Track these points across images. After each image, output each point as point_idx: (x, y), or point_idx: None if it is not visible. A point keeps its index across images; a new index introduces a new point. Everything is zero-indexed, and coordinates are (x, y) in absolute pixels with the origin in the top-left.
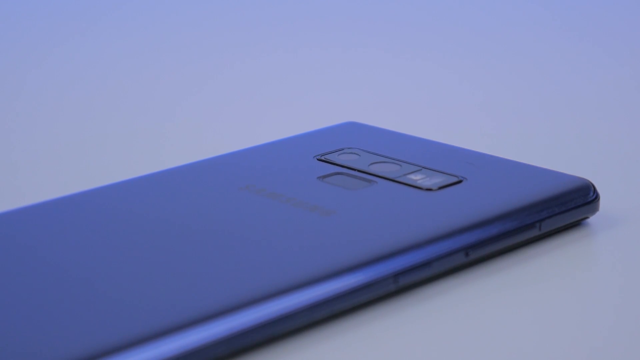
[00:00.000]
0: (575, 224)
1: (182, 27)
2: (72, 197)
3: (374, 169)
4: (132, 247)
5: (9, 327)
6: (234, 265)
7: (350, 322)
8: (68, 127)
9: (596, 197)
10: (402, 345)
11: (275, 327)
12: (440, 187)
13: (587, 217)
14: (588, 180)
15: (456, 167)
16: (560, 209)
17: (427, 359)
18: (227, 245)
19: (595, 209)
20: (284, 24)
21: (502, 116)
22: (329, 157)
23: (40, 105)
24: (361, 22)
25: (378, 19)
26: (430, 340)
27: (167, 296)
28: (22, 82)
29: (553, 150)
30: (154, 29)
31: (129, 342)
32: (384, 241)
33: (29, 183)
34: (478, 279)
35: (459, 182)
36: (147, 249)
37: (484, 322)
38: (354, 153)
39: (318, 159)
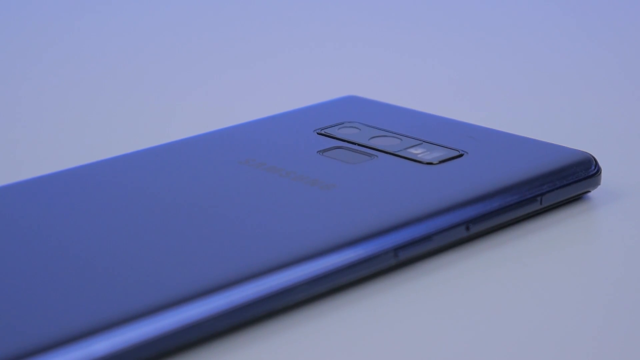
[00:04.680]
0: (577, 198)
1: (180, 4)
2: (70, 170)
3: (375, 142)
4: (131, 221)
5: (3, 301)
6: (233, 240)
7: (350, 297)
8: (71, 106)
9: (597, 171)
10: (402, 319)
11: (275, 302)
12: (441, 161)
13: (588, 191)
14: (589, 154)
15: (457, 141)
16: (562, 183)
17: (428, 333)
18: (226, 220)
19: (596, 183)
20: None
21: (503, 90)
22: (329, 131)
23: (46, 84)
24: None
25: None
26: (430, 314)
27: (165, 270)
28: (36, 61)
29: (554, 124)
30: (155, 5)
31: (126, 316)
32: (384, 215)
33: (29, 158)
34: (479, 253)
35: (460, 155)
36: (146, 223)
37: (484, 296)
38: (354, 127)
39: (318, 133)
